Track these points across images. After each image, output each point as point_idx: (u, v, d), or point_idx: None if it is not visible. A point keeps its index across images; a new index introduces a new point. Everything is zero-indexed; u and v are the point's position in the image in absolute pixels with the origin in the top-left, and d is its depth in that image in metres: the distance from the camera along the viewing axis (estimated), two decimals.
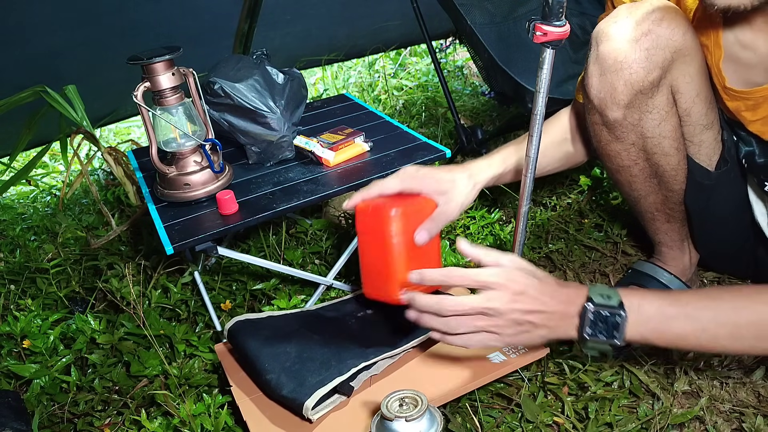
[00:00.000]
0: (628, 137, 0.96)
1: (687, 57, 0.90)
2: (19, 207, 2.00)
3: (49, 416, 1.02)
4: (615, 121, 0.94)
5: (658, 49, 0.87)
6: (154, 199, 1.12)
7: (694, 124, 0.96)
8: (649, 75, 0.88)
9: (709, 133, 0.98)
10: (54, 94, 1.60)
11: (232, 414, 0.95)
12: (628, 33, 0.87)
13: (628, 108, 0.92)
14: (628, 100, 0.91)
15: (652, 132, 0.94)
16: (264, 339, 0.96)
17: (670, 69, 0.90)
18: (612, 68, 0.89)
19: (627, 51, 0.87)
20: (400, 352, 0.94)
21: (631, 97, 0.90)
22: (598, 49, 0.90)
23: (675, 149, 0.97)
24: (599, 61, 0.90)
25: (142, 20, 1.79)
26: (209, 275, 1.30)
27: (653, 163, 0.99)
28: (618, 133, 0.96)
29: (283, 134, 1.16)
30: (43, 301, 1.27)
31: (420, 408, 0.68)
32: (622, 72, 0.88)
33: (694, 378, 0.99)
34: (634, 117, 0.93)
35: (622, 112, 0.93)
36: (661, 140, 0.96)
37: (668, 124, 0.94)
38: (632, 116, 0.93)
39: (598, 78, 0.91)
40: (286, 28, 2.28)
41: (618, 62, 0.88)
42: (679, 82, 0.92)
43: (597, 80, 0.92)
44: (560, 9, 0.76)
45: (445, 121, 2.21)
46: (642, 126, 0.94)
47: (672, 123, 0.95)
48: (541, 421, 0.91)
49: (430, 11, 1.75)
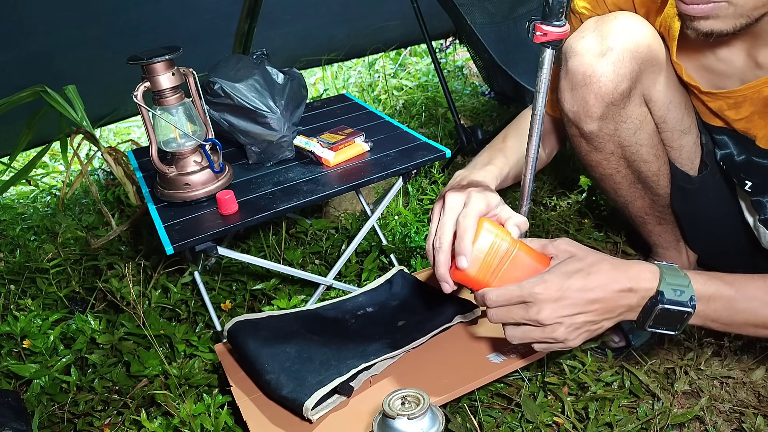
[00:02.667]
0: (606, 147, 0.98)
1: (655, 66, 0.91)
2: (19, 207, 2.00)
3: (49, 416, 1.02)
4: (591, 132, 0.96)
5: (625, 62, 0.88)
6: (154, 199, 1.12)
7: (672, 129, 0.98)
8: (618, 87, 0.90)
9: (687, 138, 0.99)
10: (54, 94, 1.60)
11: (232, 414, 0.95)
12: (594, 48, 0.89)
13: (602, 119, 0.94)
14: (601, 112, 0.92)
15: (629, 141, 0.96)
16: (264, 339, 0.96)
17: (640, 79, 0.91)
18: (582, 83, 0.91)
19: (594, 65, 0.89)
20: (400, 353, 0.94)
21: (604, 109, 0.92)
22: (567, 64, 0.92)
23: (654, 156, 0.99)
24: (569, 77, 0.92)
25: (142, 20, 1.79)
26: (209, 275, 1.30)
27: (634, 170, 1.01)
28: (596, 144, 0.98)
29: (283, 134, 1.16)
30: (43, 301, 1.27)
31: (422, 406, 0.69)
32: (592, 86, 0.90)
33: (694, 378, 0.99)
34: (609, 128, 0.95)
35: (597, 124, 0.94)
36: (638, 148, 0.98)
37: (644, 132, 0.96)
38: (607, 127, 0.95)
39: (570, 93, 0.93)
40: (286, 28, 2.28)
41: (587, 77, 0.90)
42: (650, 91, 0.93)
43: (569, 95, 0.94)
44: (560, 9, 0.76)
45: (445, 121, 2.21)
46: (618, 135, 0.96)
47: (647, 131, 0.96)
48: (541, 421, 0.91)
49: (430, 11, 1.75)
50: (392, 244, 1.35)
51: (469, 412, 0.93)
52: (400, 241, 1.40)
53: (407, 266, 1.31)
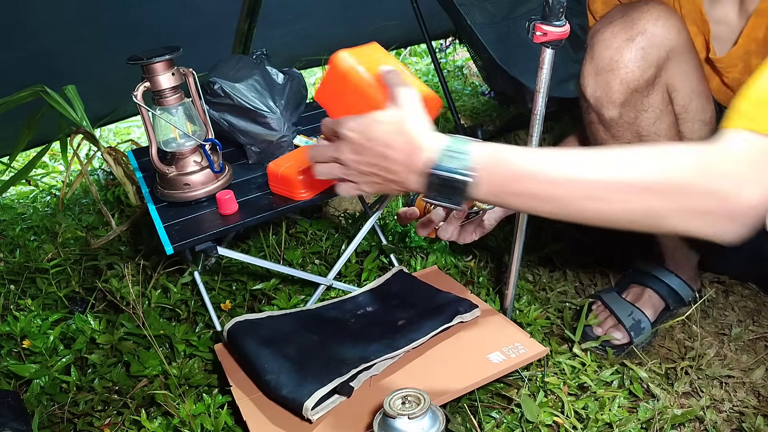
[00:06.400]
0: (624, 136, 0.97)
1: (683, 54, 0.91)
2: (19, 207, 2.00)
3: (49, 416, 1.02)
4: (611, 119, 0.95)
5: (654, 48, 0.88)
6: (154, 199, 1.12)
7: (693, 119, 0.97)
8: (644, 73, 0.89)
9: (707, 129, 0.99)
10: (54, 94, 1.59)
11: (232, 414, 0.95)
12: (623, 32, 0.88)
13: (624, 106, 0.93)
14: (624, 98, 0.92)
15: (648, 130, 0.95)
16: (264, 339, 0.96)
17: (666, 67, 0.91)
18: (608, 67, 0.90)
19: (623, 50, 0.88)
20: (400, 353, 0.94)
21: (627, 95, 0.91)
22: (594, 49, 0.91)
23: None
24: (595, 61, 0.91)
25: (142, 20, 1.79)
26: (209, 275, 1.30)
27: None
28: (614, 132, 0.97)
29: (283, 134, 1.16)
30: (43, 301, 1.27)
31: (422, 406, 0.69)
32: (618, 71, 0.89)
33: (694, 378, 0.99)
34: (630, 115, 0.94)
35: (618, 111, 0.93)
36: (656, 138, 0.97)
37: (663, 123, 0.95)
38: (628, 115, 0.94)
39: (594, 78, 0.92)
40: (286, 28, 2.27)
41: (614, 61, 0.89)
42: (675, 80, 0.93)
43: (593, 80, 0.93)
44: (560, 9, 0.76)
45: (445, 121, 2.21)
46: (638, 124, 0.95)
47: (667, 122, 0.96)
48: (540, 421, 0.91)
49: (430, 11, 1.75)
50: (392, 244, 1.35)
51: (469, 412, 0.93)
52: (400, 241, 1.40)
53: (407, 266, 1.31)
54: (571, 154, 0.62)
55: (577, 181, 0.60)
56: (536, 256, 1.35)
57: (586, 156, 0.61)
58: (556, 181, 0.61)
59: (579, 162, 0.61)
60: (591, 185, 0.60)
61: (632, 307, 1.10)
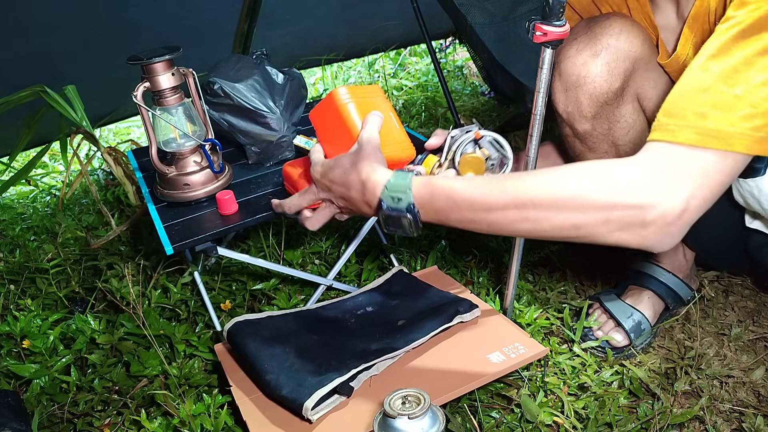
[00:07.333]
0: (601, 146, 0.99)
1: (649, 64, 0.92)
2: (19, 207, 2.00)
3: (49, 416, 1.02)
4: (585, 132, 0.97)
5: (619, 61, 0.89)
6: (154, 199, 1.11)
7: None
8: (612, 86, 0.90)
9: None
10: (53, 94, 1.59)
11: (232, 414, 0.95)
12: (587, 49, 0.90)
13: (596, 119, 0.94)
14: (594, 111, 0.93)
15: (623, 140, 0.97)
16: (263, 339, 0.96)
17: (633, 77, 0.92)
18: (576, 83, 0.92)
19: (588, 65, 0.90)
20: (400, 353, 0.94)
21: (597, 108, 0.93)
22: (561, 65, 0.93)
23: None
24: (563, 78, 0.93)
25: (142, 20, 1.79)
26: (209, 275, 1.30)
27: None
28: (590, 144, 0.99)
29: (283, 134, 1.16)
30: (43, 301, 1.27)
31: (423, 406, 0.69)
32: (586, 86, 0.91)
33: (694, 378, 0.99)
34: (603, 127, 0.96)
35: (590, 124, 0.95)
36: (633, 147, 0.98)
37: (637, 132, 0.97)
38: (601, 126, 0.96)
39: (564, 94, 0.94)
40: (286, 28, 2.27)
41: (581, 77, 0.91)
42: (644, 89, 0.94)
43: (563, 96, 0.94)
44: (560, 9, 0.76)
45: (445, 121, 2.21)
46: (612, 135, 0.97)
47: (640, 130, 0.97)
48: (540, 421, 0.91)
49: (430, 11, 1.75)
50: (392, 244, 1.35)
51: (469, 412, 0.93)
52: (400, 241, 1.40)
53: (407, 266, 1.31)
54: (500, 181, 0.68)
55: (504, 205, 0.66)
56: (536, 256, 1.35)
57: (513, 181, 0.67)
58: (487, 209, 0.67)
59: (505, 189, 0.66)
60: (516, 210, 0.65)
61: (632, 309, 1.10)
